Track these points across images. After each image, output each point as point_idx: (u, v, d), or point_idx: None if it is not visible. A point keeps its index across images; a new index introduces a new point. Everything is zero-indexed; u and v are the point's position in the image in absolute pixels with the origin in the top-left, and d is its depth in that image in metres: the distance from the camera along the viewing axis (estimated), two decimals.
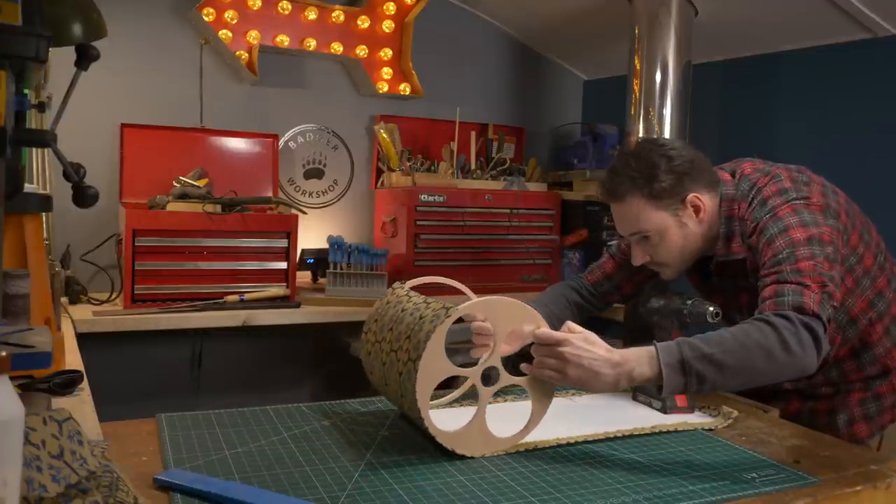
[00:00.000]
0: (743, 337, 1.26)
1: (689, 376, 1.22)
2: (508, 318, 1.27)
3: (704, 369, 1.22)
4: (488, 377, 1.27)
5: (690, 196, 1.48)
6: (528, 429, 1.28)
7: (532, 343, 1.27)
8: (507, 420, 1.28)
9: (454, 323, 1.21)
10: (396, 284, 1.45)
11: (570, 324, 1.27)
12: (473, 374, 1.26)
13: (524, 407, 1.30)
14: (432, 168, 3.21)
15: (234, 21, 2.87)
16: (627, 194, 1.48)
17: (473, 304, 1.26)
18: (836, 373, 1.59)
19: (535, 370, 1.25)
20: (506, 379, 1.28)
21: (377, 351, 1.34)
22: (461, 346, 2.52)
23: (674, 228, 1.49)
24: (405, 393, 1.22)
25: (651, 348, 1.24)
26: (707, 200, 1.50)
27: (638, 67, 2.74)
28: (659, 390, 1.24)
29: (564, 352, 1.22)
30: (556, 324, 1.67)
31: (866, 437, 1.58)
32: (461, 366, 1.24)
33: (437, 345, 1.18)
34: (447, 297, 1.31)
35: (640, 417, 1.44)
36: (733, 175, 1.54)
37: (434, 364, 1.18)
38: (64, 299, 2.32)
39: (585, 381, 1.22)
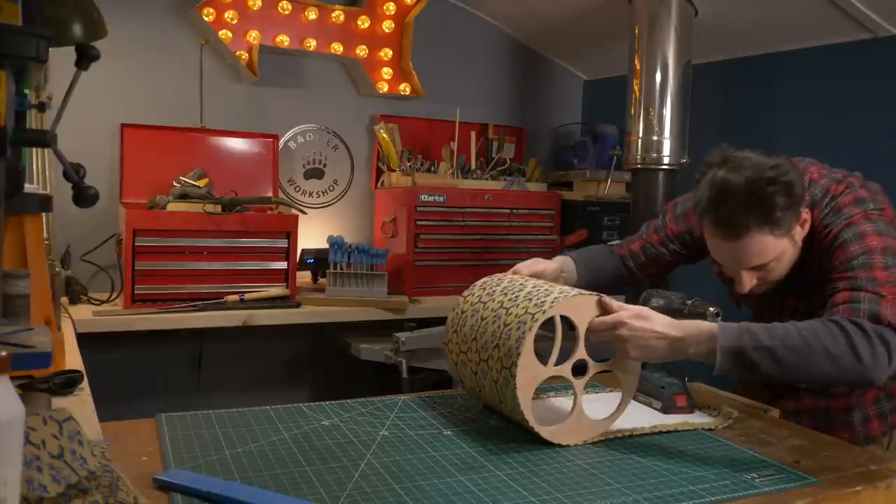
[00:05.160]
0: (809, 336, 1.25)
1: (744, 366, 1.24)
2: (589, 312, 1.32)
3: (760, 360, 1.23)
4: (578, 370, 1.33)
5: (803, 213, 1.41)
6: (621, 408, 1.36)
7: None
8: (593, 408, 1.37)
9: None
10: (467, 291, 1.49)
11: (613, 303, 1.31)
12: (565, 370, 1.31)
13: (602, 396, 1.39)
14: (432, 168, 3.21)
15: (234, 21, 2.87)
16: (752, 230, 1.37)
17: (557, 307, 1.27)
18: None
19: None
20: (594, 368, 1.34)
21: (464, 361, 1.41)
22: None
23: (790, 250, 1.43)
24: (504, 399, 1.29)
25: (713, 327, 1.26)
26: (807, 210, 1.44)
27: (638, 67, 2.74)
28: (711, 368, 1.27)
29: (621, 334, 1.27)
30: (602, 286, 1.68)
31: (880, 435, 1.58)
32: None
33: (528, 351, 1.25)
34: (446, 298, 1.32)
35: (640, 417, 1.44)
36: None
37: (529, 370, 1.25)
38: (64, 299, 2.32)
39: (643, 355, 1.29)
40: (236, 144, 2.95)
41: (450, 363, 1.48)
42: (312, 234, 3.07)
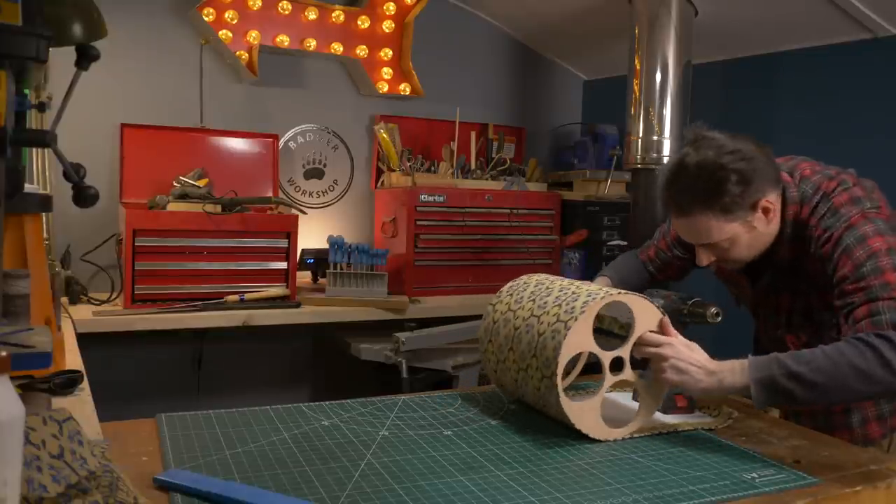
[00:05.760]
0: (836, 356, 1.26)
1: (777, 394, 1.27)
2: (647, 322, 1.36)
3: (793, 387, 1.26)
4: (616, 366, 1.36)
5: (762, 202, 1.42)
6: (636, 422, 1.37)
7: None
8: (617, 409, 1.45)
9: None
10: (531, 275, 1.56)
11: (671, 328, 1.36)
12: (606, 358, 1.35)
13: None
14: (432, 168, 3.21)
15: (234, 21, 2.87)
16: (696, 211, 1.41)
17: (629, 297, 1.35)
18: None
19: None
20: (627, 372, 1.36)
21: (508, 318, 1.45)
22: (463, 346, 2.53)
23: (744, 235, 1.44)
24: (539, 352, 1.32)
25: (745, 361, 1.30)
26: (774, 200, 1.44)
27: (638, 67, 2.74)
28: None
29: (665, 352, 1.32)
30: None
31: (879, 437, 1.57)
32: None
33: (589, 316, 1.30)
34: (446, 298, 1.33)
35: None
36: (791, 175, 1.50)
37: (581, 332, 1.30)
38: (64, 299, 2.32)
39: (680, 381, 1.32)
40: (236, 144, 2.95)
41: (486, 322, 1.51)
42: (312, 234, 3.07)
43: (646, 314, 1.36)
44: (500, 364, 1.45)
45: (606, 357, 1.34)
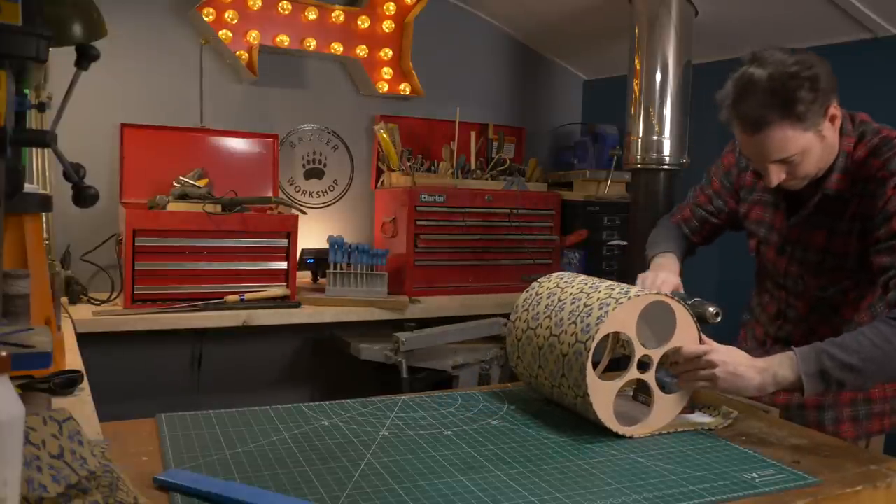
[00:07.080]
0: (881, 342, 1.28)
1: (830, 384, 1.29)
2: (686, 335, 1.37)
3: (845, 377, 1.28)
4: (642, 365, 1.36)
5: (830, 108, 1.42)
6: (643, 424, 1.36)
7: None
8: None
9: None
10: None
11: (707, 340, 1.38)
12: (638, 350, 1.34)
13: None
14: (432, 168, 3.21)
15: (234, 21, 2.87)
16: (772, 123, 1.39)
17: (675, 302, 1.36)
18: None
19: (686, 384, 1.36)
20: (649, 377, 1.37)
21: (554, 292, 1.46)
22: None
23: (816, 145, 1.43)
24: (580, 320, 1.33)
25: (791, 354, 1.30)
26: (837, 107, 1.44)
27: (638, 67, 2.74)
28: (801, 392, 1.31)
29: (713, 359, 1.32)
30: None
31: (851, 439, 1.57)
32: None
33: (641, 302, 1.32)
34: (446, 298, 1.32)
35: None
36: (850, 115, 1.50)
37: (627, 313, 1.31)
38: (64, 299, 2.32)
39: (733, 384, 1.32)
40: (236, 144, 2.95)
41: (528, 294, 1.52)
42: (312, 234, 3.07)
43: (684, 325, 1.37)
44: (528, 332, 1.46)
45: (640, 350, 1.34)
